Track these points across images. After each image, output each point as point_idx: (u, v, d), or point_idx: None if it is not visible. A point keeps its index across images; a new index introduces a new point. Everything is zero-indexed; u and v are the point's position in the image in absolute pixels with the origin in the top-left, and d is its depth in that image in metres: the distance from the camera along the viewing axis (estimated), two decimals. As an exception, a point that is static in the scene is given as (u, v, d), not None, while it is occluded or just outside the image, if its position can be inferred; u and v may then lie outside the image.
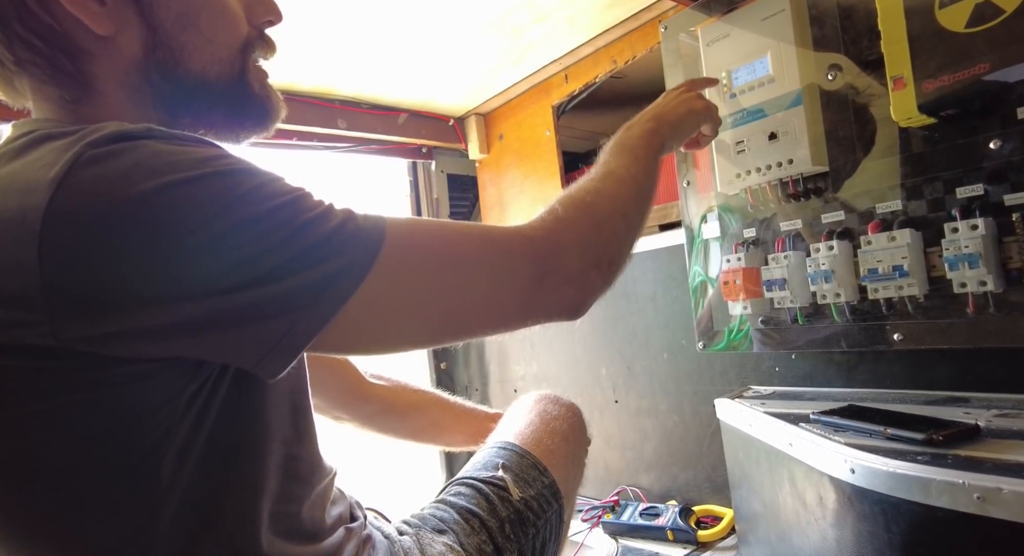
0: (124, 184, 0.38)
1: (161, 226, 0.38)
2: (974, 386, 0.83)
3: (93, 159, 0.38)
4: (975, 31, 0.68)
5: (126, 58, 0.49)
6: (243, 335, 0.40)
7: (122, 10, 0.48)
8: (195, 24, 0.51)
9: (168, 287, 0.38)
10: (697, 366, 1.20)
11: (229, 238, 0.39)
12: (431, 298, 0.46)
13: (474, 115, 1.68)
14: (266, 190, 0.42)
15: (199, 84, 0.52)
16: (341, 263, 0.42)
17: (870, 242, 0.80)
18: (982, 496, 0.56)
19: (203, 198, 0.39)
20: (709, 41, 0.98)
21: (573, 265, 0.51)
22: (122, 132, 0.40)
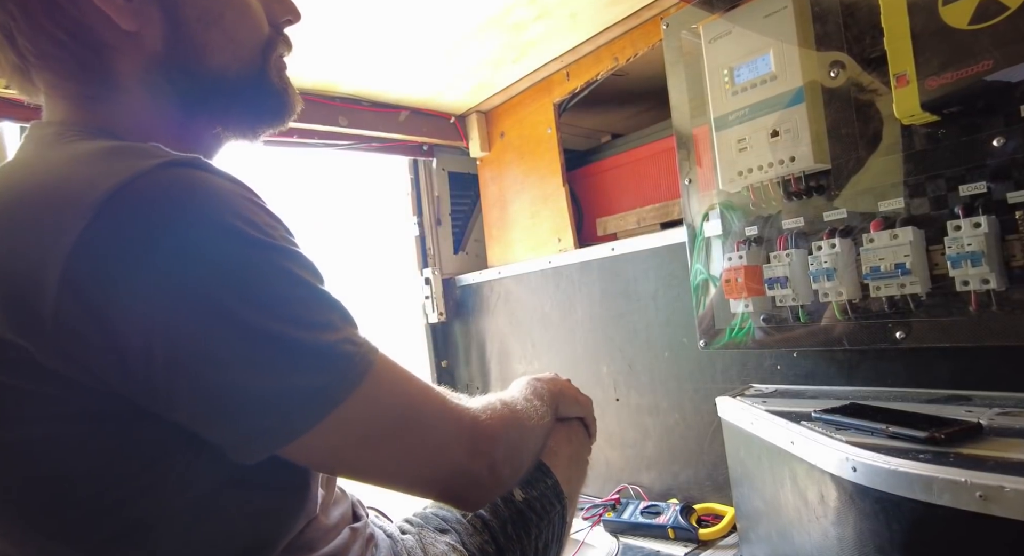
0: (160, 226, 0.37)
1: (178, 287, 0.37)
2: (976, 384, 0.83)
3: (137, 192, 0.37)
4: (979, 28, 0.68)
5: (148, 54, 0.49)
6: (217, 420, 0.40)
7: (147, 6, 0.48)
8: (218, 23, 0.51)
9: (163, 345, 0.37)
10: (698, 364, 1.20)
11: (244, 318, 0.39)
12: (388, 441, 0.46)
13: (475, 113, 1.68)
14: (292, 277, 0.42)
15: (219, 82, 0.52)
16: (330, 380, 0.42)
17: (872, 240, 0.80)
18: (984, 494, 0.56)
19: (232, 265, 0.39)
20: (711, 38, 0.98)
21: (499, 454, 0.53)
22: (172, 161, 0.40)
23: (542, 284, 1.52)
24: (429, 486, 0.50)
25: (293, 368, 0.40)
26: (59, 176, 0.40)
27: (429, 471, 0.49)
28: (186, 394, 0.38)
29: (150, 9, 0.48)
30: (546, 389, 0.75)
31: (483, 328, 1.71)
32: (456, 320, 1.77)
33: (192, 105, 0.52)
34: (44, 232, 0.36)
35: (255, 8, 0.54)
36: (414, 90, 1.51)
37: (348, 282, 1.55)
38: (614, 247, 1.34)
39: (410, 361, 1.75)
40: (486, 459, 0.52)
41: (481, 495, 0.53)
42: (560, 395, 0.77)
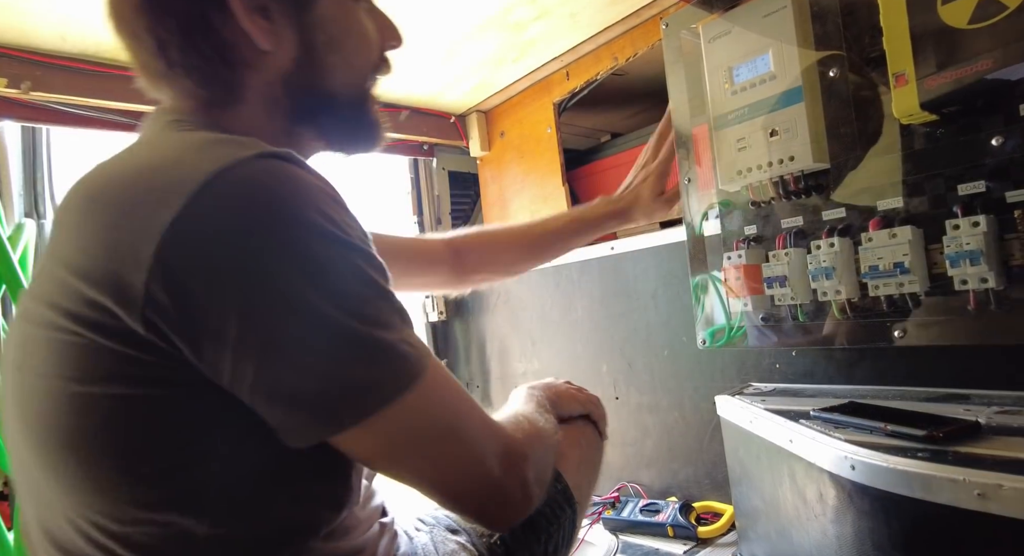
0: (251, 212, 0.40)
1: (261, 270, 0.40)
2: (975, 383, 0.83)
3: (237, 178, 0.40)
4: (978, 27, 0.68)
5: (276, 72, 0.54)
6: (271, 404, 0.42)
7: (284, 29, 0.53)
8: (341, 48, 0.56)
9: (236, 328, 0.40)
10: (698, 363, 1.20)
11: (315, 309, 0.41)
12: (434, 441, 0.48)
13: (475, 112, 1.68)
14: (365, 274, 0.44)
15: (330, 101, 0.57)
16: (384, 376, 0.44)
17: (871, 239, 0.80)
18: (982, 492, 0.56)
19: (315, 258, 0.41)
20: (710, 38, 0.98)
21: (530, 473, 0.54)
22: (269, 152, 0.43)
23: (542, 283, 1.53)
24: (464, 500, 0.50)
25: (353, 360, 0.42)
26: (168, 158, 0.44)
27: (466, 483, 0.49)
28: (250, 375, 0.41)
29: (287, 32, 0.53)
30: (544, 396, 0.76)
31: (483, 327, 1.71)
32: (456, 319, 1.78)
33: (302, 119, 0.57)
34: (148, 208, 0.40)
35: (372, 35, 0.59)
36: (414, 89, 1.51)
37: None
38: (614, 246, 1.34)
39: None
40: (519, 478, 0.52)
41: (512, 514, 0.53)
42: (557, 398, 0.78)
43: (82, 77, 1.10)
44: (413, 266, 0.99)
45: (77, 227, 0.43)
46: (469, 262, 1.04)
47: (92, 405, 0.42)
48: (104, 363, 0.41)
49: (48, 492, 0.46)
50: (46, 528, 0.47)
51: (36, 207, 1.22)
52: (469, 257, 1.04)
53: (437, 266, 1.01)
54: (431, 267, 1.01)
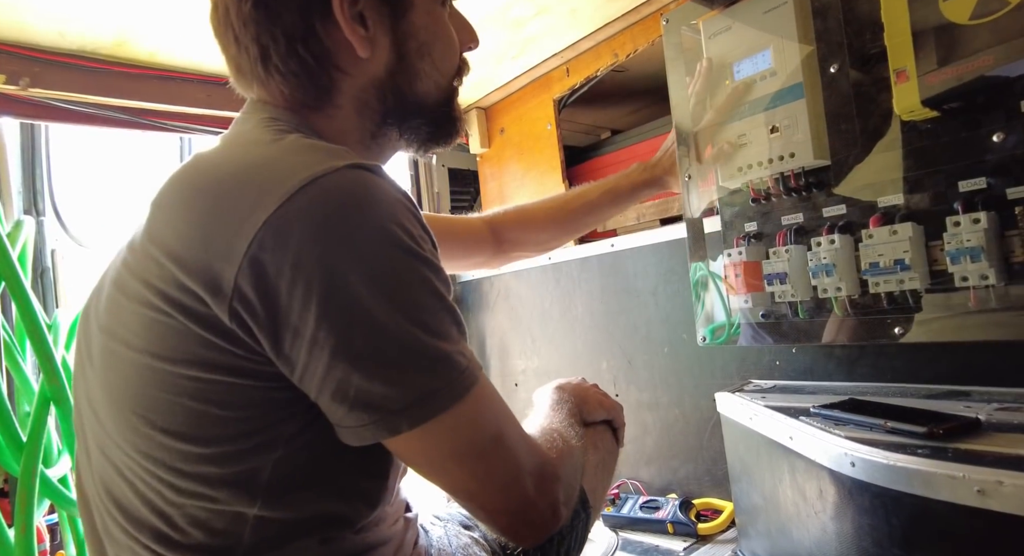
0: (343, 216, 0.42)
1: (343, 273, 0.42)
2: (975, 380, 0.83)
3: (333, 183, 0.43)
4: (979, 23, 0.68)
5: (369, 78, 0.56)
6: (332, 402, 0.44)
7: (381, 37, 0.55)
8: (431, 54, 0.58)
9: (314, 328, 0.42)
10: (698, 360, 1.20)
11: (389, 318, 0.43)
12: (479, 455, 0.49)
13: (475, 109, 1.67)
14: (435, 287, 0.47)
15: (419, 104, 0.59)
16: (440, 386, 0.46)
17: (872, 236, 0.80)
18: (982, 489, 0.56)
19: (395, 269, 0.44)
20: (711, 34, 0.98)
21: (561, 495, 0.55)
22: (360, 164, 0.45)
23: (542, 280, 1.52)
24: (497, 514, 0.51)
25: (416, 368, 0.45)
26: (267, 160, 0.46)
27: (501, 499, 0.50)
28: (320, 372, 0.43)
29: (383, 39, 0.56)
30: (571, 399, 0.76)
31: (483, 324, 1.71)
32: (456, 316, 1.77)
33: (391, 121, 0.59)
34: (245, 206, 0.42)
35: (455, 40, 0.61)
36: (414, 86, 1.51)
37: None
38: (614, 243, 1.34)
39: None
40: (550, 498, 0.53)
41: (539, 533, 0.53)
42: (584, 404, 0.78)
43: (81, 73, 1.09)
44: (457, 246, 1.02)
45: (176, 214, 0.46)
46: (508, 240, 1.06)
47: (173, 383, 0.45)
48: (190, 346, 0.44)
49: (117, 452, 0.48)
50: (108, 487, 0.50)
51: (35, 204, 1.22)
52: (507, 235, 1.06)
53: (480, 245, 1.04)
54: (474, 246, 1.04)
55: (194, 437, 0.45)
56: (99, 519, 0.52)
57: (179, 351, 0.44)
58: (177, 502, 0.46)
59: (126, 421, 0.47)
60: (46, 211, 1.23)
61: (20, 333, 1.07)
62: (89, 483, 0.53)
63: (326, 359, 0.43)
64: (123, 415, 0.47)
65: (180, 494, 0.46)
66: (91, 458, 0.52)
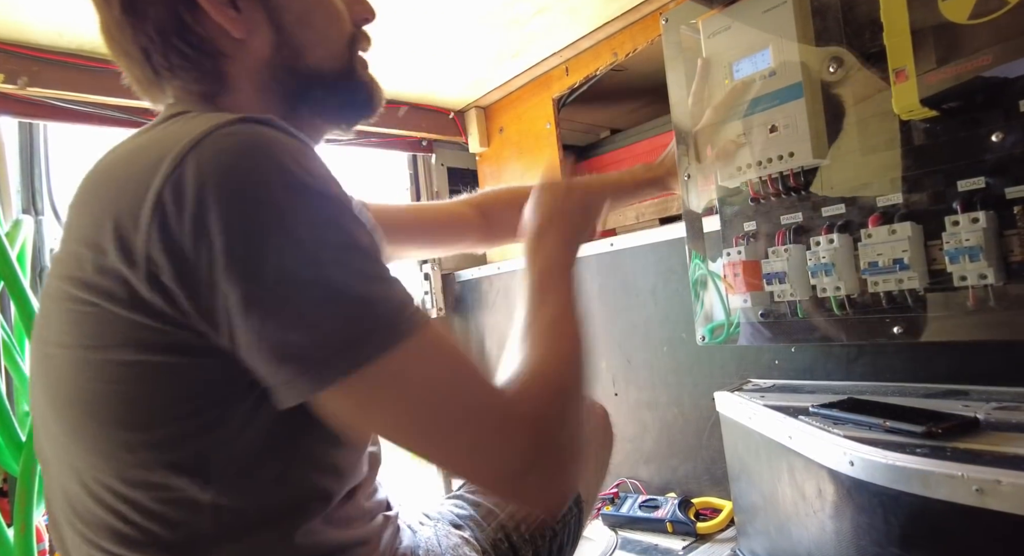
0: (235, 165, 0.41)
1: (247, 218, 0.41)
2: (973, 379, 0.83)
3: (221, 136, 0.42)
4: (978, 23, 0.68)
5: (256, 58, 0.56)
6: (258, 354, 0.42)
7: (254, 15, 0.55)
8: (311, 24, 0.57)
9: (227, 275, 0.41)
10: (697, 359, 1.20)
11: (304, 259, 0.41)
12: (419, 419, 0.45)
13: (474, 108, 1.67)
14: (353, 228, 0.44)
15: (316, 77, 0.58)
16: (371, 327, 0.43)
17: (871, 235, 0.80)
18: (981, 488, 0.56)
19: (299, 208, 0.42)
20: (710, 33, 0.98)
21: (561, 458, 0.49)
22: (251, 117, 0.44)
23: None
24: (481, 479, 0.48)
25: (333, 311, 0.42)
26: (164, 133, 0.46)
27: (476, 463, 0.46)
28: (241, 330, 0.42)
29: (257, 17, 0.55)
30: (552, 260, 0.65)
31: (482, 323, 1.71)
32: (456, 315, 1.77)
33: (295, 100, 0.58)
34: (145, 175, 0.42)
35: (340, 8, 0.60)
36: (413, 85, 1.51)
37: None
38: (613, 242, 1.34)
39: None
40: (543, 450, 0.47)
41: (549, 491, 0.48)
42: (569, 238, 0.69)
43: (79, 73, 1.09)
44: (442, 233, 1.00)
45: (87, 206, 0.46)
46: (499, 224, 1.03)
47: (107, 371, 0.44)
48: (117, 330, 0.43)
49: (68, 457, 0.48)
50: (67, 494, 0.49)
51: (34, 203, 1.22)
52: (499, 218, 1.03)
53: (467, 230, 1.01)
54: (461, 232, 1.01)
55: (136, 424, 0.44)
56: (66, 533, 0.50)
57: (108, 337, 0.43)
58: (129, 496, 0.45)
59: (70, 421, 0.46)
60: (45, 210, 1.23)
61: (19, 333, 1.06)
62: (54, 500, 0.51)
63: (242, 312, 0.41)
64: (66, 415, 0.46)
65: (131, 486, 0.45)
66: (51, 473, 0.51)
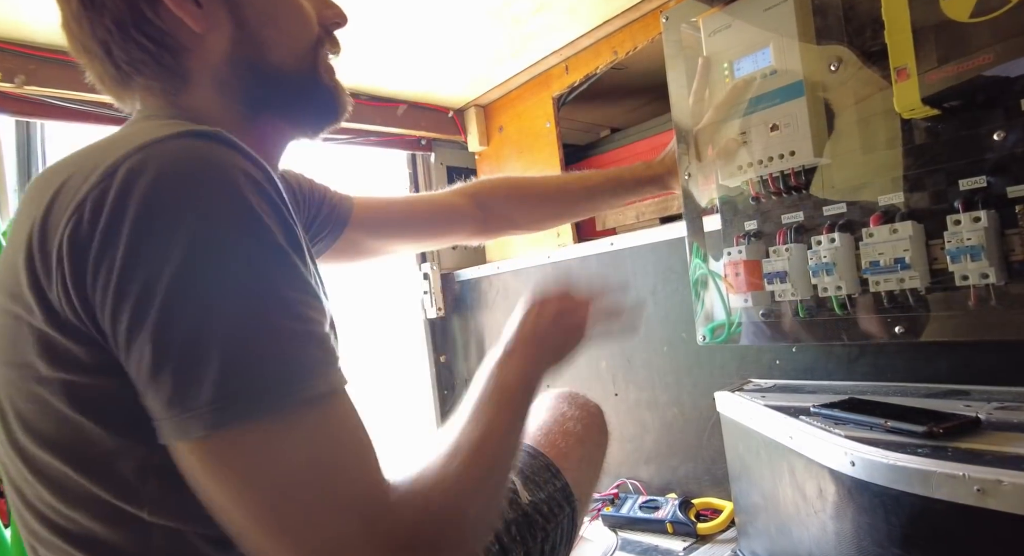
0: (161, 190, 0.39)
1: (159, 248, 0.38)
2: (975, 379, 0.83)
3: (153, 153, 0.40)
4: (980, 21, 0.68)
5: (217, 53, 0.54)
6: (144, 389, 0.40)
7: (215, 10, 0.54)
8: (275, 21, 0.56)
9: (127, 305, 0.38)
10: (697, 359, 1.20)
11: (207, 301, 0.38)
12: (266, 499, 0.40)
13: (474, 107, 1.67)
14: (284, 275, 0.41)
15: (277, 76, 0.57)
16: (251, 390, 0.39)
17: (872, 235, 0.79)
18: (982, 488, 0.56)
19: (221, 248, 0.39)
20: (711, 32, 0.97)
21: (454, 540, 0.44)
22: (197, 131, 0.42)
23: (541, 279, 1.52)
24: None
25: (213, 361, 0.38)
26: (109, 141, 0.45)
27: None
28: (129, 354, 0.39)
29: (218, 12, 0.54)
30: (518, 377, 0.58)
31: (482, 323, 1.71)
32: (455, 315, 1.77)
33: (256, 101, 0.57)
34: (76, 184, 0.41)
35: (306, 8, 0.59)
36: (412, 84, 1.50)
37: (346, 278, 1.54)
38: (613, 242, 1.34)
39: (409, 356, 1.75)
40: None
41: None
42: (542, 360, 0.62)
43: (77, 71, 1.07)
44: (436, 225, 0.98)
45: (27, 213, 0.44)
46: (497, 215, 1.02)
47: (39, 390, 0.42)
48: (44, 347, 0.42)
49: (20, 480, 0.46)
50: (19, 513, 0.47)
51: (32, 202, 1.21)
52: (497, 210, 1.02)
53: (462, 223, 1.00)
54: (456, 224, 1.00)
55: (70, 446, 0.42)
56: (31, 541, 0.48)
57: (38, 355, 0.42)
58: (69, 517, 0.43)
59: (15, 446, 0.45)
60: (43, 209, 1.22)
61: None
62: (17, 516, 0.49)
63: (126, 336, 0.39)
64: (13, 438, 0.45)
65: (72, 507, 0.43)
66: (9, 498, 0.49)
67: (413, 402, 1.75)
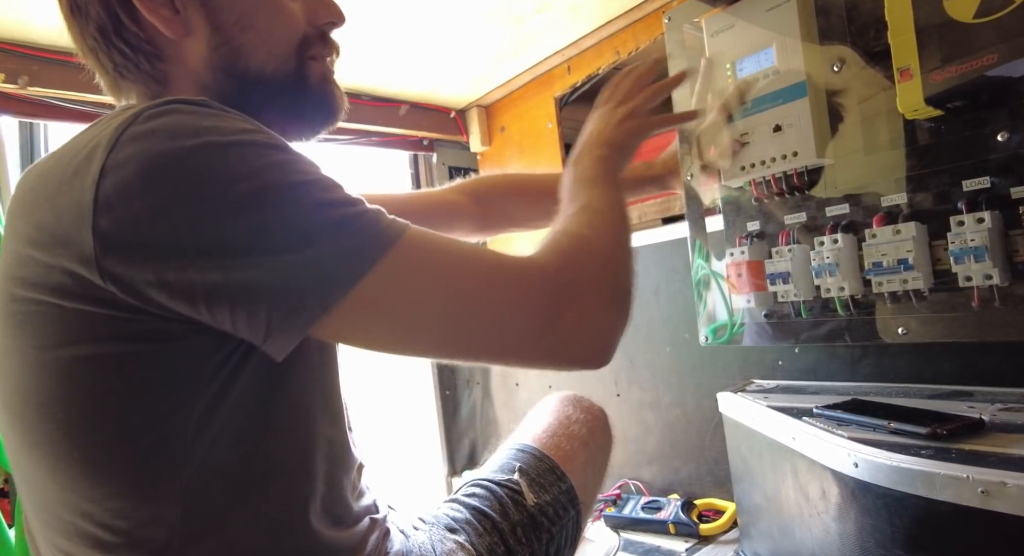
0: (166, 139, 0.41)
1: (191, 183, 0.41)
2: (978, 380, 0.83)
3: (146, 118, 0.42)
4: (984, 21, 0.67)
5: (196, 58, 0.55)
6: (250, 307, 0.42)
7: (192, 16, 0.54)
8: (252, 25, 0.56)
9: (190, 241, 0.41)
10: (700, 360, 1.20)
11: (256, 202, 0.42)
12: (433, 311, 0.46)
13: (475, 107, 1.67)
14: (298, 167, 0.44)
15: (259, 80, 0.57)
16: (354, 245, 0.43)
17: (875, 235, 0.79)
18: (986, 490, 0.56)
19: (237, 159, 0.42)
20: (713, 32, 0.97)
21: (591, 302, 0.49)
22: (178, 98, 0.45)
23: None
24: (525, 358, 0.48)
25: (314, 240, 0.42)
26: (99, 125, 0.46)
27: (508, 345, 0.47)
28: (220, 293, 0.41)
29: (195, 18, 0.54)
30: (589, 164, 0.68)
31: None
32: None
33: (239, 105, 0.57)
34: (83, 167, 0.42)
35: (288, 9, 0.58)
36: (414, 84, 1.50)
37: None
38: (615, 242, 1.33)
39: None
40: (576, 314, 0.48)
41: (602, 346, 0.50)
42: (609, 147, 0.72)
43: (80, 72, 1.08)
44: (435, 222, 0.97)
45: (28, 204, 0.45)
46: (496, 212, 1.02)
47: (63, 370, 0.43)
48: (71, 326, 0.42)
49: (29, 463, 0.47)
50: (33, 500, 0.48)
51: (35, 203, 1.22)
52: (496, 206, 1.02)
53: (461, 220, 1.00)
54: (454, 221, 0.99)
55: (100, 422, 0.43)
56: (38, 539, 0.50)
57: (63, 335, 0.43)
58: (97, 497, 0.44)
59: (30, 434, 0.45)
60: (46, 210, 1.22)
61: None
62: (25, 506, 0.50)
63: (220, 271, 0.41)
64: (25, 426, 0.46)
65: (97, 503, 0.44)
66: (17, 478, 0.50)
67: (415, 403, 1.75)
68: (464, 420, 1.74)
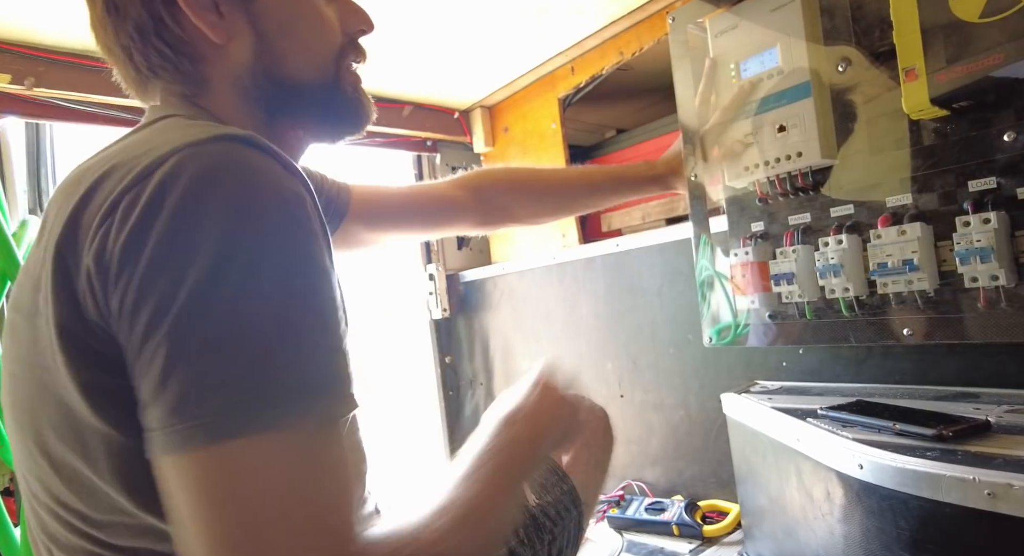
0: (197, 196, 0.39)
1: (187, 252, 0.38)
2: (984, 381, 0.82)
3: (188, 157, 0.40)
4: (990, 21, 0.67)
5: (237, 63, 0.55)
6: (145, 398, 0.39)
7: (236, 21, 0.54)
8: (294, 32, 0.57)
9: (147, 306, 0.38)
10: (703, 361, 1.19)
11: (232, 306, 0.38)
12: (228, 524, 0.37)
13: (479, 108, 1.67)
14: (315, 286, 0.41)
15: (297, 86, 0.57)
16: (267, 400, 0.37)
17: (880, 236, 0.79)
18: (992, 492, 0.56)
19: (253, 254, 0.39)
20: (717, 32, 0.97)
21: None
22: (231, 135, 0.42)
23: (546, 280, 1.52)
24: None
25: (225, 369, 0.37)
26: (137, 141, 0.45)
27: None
28: (140, 358, 0.38)
29: (239, 24, 0.54)
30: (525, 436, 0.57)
31: (487, 324, 1.71)
32: (460, 316, 1.77)
33: (275, 109, 0.58)
34: (111, 182, 0.41)
35: (328, 18, 0.59)
36: (417, 85, 1.51)
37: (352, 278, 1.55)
38: (619, 243, 1.34)
39: (414, 357, 1.75)
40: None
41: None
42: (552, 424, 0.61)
43: (85, 73, 1.09)
44: (435, 217, 0.98)
45: (59, 211, 0.44)
46: (498, 208, 1.02)
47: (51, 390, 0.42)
48: (67, 347, 0.41)
49: (34, 479, 0.47)
50: (38, 516, 0.47)
51: (40, 203, 1.22)
52: (497, 202, 1.02)
53: (461, 215, 1.00)
54: (455, 217, 0.99)
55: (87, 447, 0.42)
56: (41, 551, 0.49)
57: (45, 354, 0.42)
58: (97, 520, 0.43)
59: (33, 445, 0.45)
60: (51, 211, 1.23)
61: (25, 332, 1.07)
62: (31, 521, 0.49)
63: (141, 337, 0.38)
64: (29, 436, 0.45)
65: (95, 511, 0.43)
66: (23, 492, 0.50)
67: (418, 403, 1.75)
68: (467, 420, 1.74)
